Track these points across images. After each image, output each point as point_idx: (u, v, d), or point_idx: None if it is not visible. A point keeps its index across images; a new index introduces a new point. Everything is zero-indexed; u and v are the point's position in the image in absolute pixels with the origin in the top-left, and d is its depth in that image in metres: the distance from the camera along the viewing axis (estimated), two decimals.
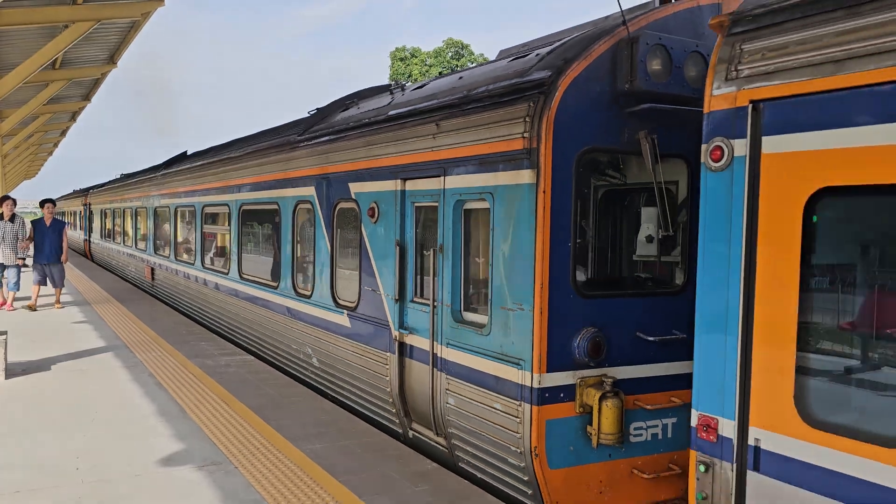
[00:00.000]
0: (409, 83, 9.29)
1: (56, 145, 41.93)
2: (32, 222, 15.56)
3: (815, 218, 3.55)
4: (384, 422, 7.51)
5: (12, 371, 9.40)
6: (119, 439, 6.78)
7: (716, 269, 3.97)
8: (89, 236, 32.66)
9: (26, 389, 8.62)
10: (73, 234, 38.82)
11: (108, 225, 26.77)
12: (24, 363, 9.93)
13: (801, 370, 3.59)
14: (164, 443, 6.68)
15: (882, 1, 3.28)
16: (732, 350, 3.87)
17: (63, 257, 15.51)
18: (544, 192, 5.14)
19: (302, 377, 9.56)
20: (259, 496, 5.47)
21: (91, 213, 31.90)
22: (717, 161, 3.92)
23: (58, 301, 15.72)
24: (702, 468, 4.02)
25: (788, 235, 3.60)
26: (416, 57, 58.78)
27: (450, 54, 58.48)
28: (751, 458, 3.77)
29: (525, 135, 5.24)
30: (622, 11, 5.31)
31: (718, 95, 3.92)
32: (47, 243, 15.27)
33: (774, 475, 3.66)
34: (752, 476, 3.78)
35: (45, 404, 7.98)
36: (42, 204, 15.91)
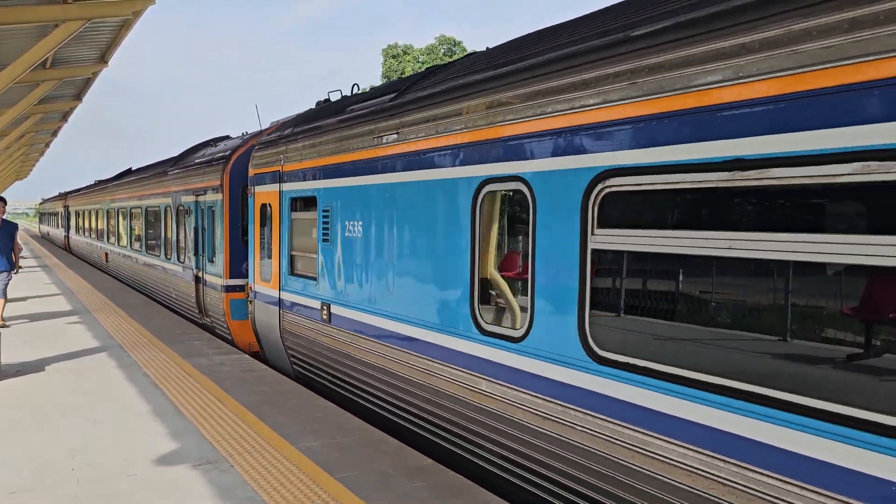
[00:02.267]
0: (232, 136, 16.41)
1: (48, 146, 40.84)
2: None
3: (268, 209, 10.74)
4: (195, 318, 14.67)
5: (6, 372, 9.39)
6: (114, 438, 6.77)
7: (254, 231, 11.13)
8: (68, 232, 39.93)
9: (21, 390, 8.62)
10: (56, 232, 46.34)
11: (80, 223, 34.02)
12: (18, 364, 9.96)
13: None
14: (160, 441, 6.66)
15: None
16: (250, 263, 11.03)
17: (15, 264, 13.48)
18: (225, 203, 12.31)
19: (171, 307, 16.74)
20: (255, 494, 5.42)
21: (69, 213, 39.20)
22: (250, 194, 11.08)
23: (0, 318, 13.14)
24: (249, 304, 11.20)
25: (259, 218, 10.77)
26: (409, 54, 58.31)
27: (442, 51, 57.26)
28: (254, 296, 10.96)
29: (219, 179, 12.43)
30: (260, 127, 12.53)
31: (251, 170, 11.08)
32: None
33: (256, 299, 10.85)
34: (254, 303, 10.96)
35: (41, 405, 7.97)
36: None
